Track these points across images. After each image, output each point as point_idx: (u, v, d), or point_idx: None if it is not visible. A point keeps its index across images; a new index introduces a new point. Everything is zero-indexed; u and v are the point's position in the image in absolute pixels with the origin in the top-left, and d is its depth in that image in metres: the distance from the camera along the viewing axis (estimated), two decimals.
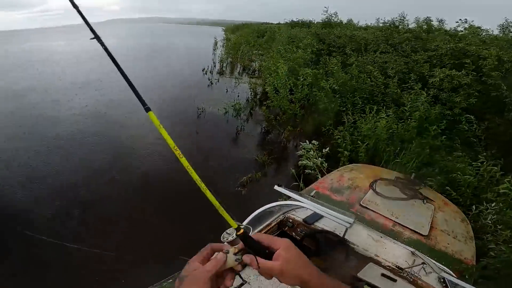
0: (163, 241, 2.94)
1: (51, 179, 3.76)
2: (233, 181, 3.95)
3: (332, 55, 7.45)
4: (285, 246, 0.54)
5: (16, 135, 4.80)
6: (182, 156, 0.53)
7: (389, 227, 2.02)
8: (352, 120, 4.58)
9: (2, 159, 4.14)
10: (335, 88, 5.40)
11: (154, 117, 0.52)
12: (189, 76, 8.02)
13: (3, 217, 3.11)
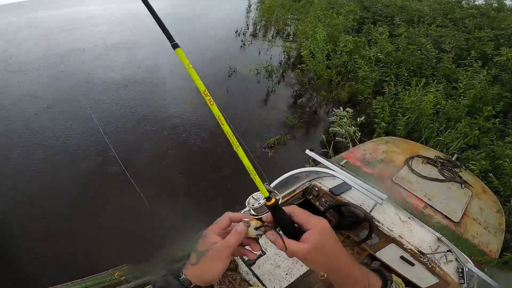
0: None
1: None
2: (261, 142, 3.93)
3: (377, 24, 6.97)
4: (319, 229, 0.47)
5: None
6: (213, 102, 0.45)
7: (420, 208, 1.91)
8: (394, 92, 4.24)
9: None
10: (378, 57, 5.00)
11: (183, 55, 0.44)
12: (221, 37, 7.74)
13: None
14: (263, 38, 8.06)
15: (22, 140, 3.61)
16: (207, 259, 0.46)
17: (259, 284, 1.81)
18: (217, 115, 0.44)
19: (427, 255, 1.57)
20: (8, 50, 5.98)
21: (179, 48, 0.44)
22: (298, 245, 0.45)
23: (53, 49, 6.10)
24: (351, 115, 3.77)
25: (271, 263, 2.00)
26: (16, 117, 3.99)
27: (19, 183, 3.05)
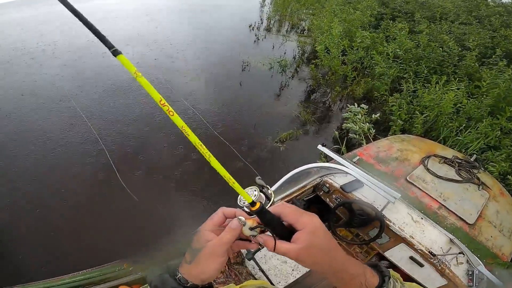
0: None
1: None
2: (273, 136, 3.92)
3: (396, 21, 6.78)
4: (310, 228, 0.45)
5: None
6: (173, 113, 0.38)
7: (434, 209, 1.86)
8: (412, 89, 4.12)
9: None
10: (397, 54, 4.87)
11: (127, 62, 0.35)
12: (235, 31, 7.73)
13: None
14: (277, 33, 7.97)
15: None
16: (202, 257, 0.45)
17: (265, 279, 1.83)
18: (180, 126, 0.38)
19: (438, 257, 1.54)
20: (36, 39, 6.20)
21: (121, 54, 0.35)
22: (288, 246, 0.44)
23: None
24: (366, 111, 3.70)
25: (277, 258, 2.01)
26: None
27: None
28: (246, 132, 3.92)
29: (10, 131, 3.65)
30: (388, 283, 0.46)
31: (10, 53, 5.64)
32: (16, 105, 4.13)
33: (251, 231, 0.47)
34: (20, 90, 4.46)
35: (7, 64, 5.23)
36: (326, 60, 5.14)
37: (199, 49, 6.30)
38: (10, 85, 4.59)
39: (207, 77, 5.20)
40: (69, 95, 4.40)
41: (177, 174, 3.24)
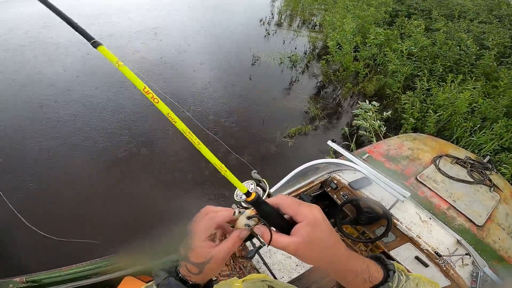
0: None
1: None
2: (281, 130, 3.90)
3: (412, 18, 6.61)
4: (311, 220, 0.41)
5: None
6: (158, 100, 0.37)
7: (443, 209, 1.83)
8: (426, 87, 4.02)
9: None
10: (412, 51, 4.76)
11: (108, 52, 0.35)
12: (246, 25, 7.68)
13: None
14: (288, 28, 7.88)
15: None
16: (209, 267, 0.43)
17: (269, 273, 1.84)
18: (166, 113, 0.37)
19: (444, 257, 1.53)
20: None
21: (102, 45, 0.36)
22: (287, 239, 0.41)
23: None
24: (377, 109, 3.64)
25: (282, 253, 2.03)
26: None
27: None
28: (254, 127, 3.92)
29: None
30: (393, 278, 0.44)
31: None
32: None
33: (246, 221, 0.44)
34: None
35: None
36: (338, 56, 5.06)
37: (209, 43, 6.30)
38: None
39: (216, 71, 5.20)
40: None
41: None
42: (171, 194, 2.93)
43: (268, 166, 3.40)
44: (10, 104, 3.88)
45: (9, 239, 2.46)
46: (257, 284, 0.59)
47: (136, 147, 3.40)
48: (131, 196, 2.86)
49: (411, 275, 0.47)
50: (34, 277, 1.42)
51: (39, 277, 1.42)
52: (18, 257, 2.35)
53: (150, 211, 2.69)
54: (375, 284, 0.43)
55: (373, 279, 0.44)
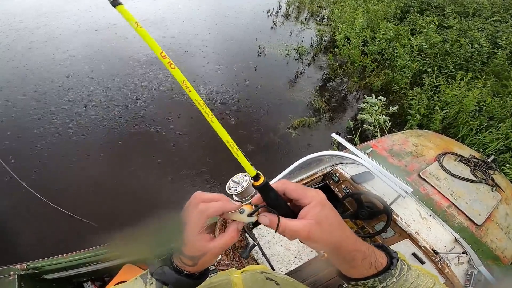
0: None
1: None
2: (285, 122, 3.87)
3: (425, 14, 6.48)
4: (318, 201, 0.40)
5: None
6: (174, 66, 0.36)
7: (443, 207, 1.82)
8: (434, 84, 3.95)
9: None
10: (423, 47, 4.67)
11: (127, 12, 0.34)
12: (252, 16, 7.55)
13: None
14: (296, 20, 7.74)
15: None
16: (205, 259, 0.43)
17: (267, 264, 1.84)
18: (181, 81, 0.36)
19: (440, 255, 1.54)
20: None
21: (121, 4, 0.34)
22: (298, 223, 0.39)
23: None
24: (383, 103, 3.60)
25: (281, 245, 2.03)
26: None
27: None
28: (258, 117, 3.89)
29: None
30: (397, 265, 0.44)
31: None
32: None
33: (250, 218, 0.42)
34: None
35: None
36: (345, 50, 4.99)
37: (214, 33, 6.22)
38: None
39: (221, 60, 5.15)
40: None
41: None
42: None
43: (271, 156, 3.39)
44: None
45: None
46: (256, 275, 0.58)
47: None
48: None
49: (412, 266, 0.47)
50: (35, 264, 1.43)
51: (40, 264, 1.44)
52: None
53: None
54: (379, 270, 0.43)
55: (378, 264, 0.43)
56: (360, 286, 0.44)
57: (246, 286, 0.53)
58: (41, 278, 1.49)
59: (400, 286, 0.43)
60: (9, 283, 1.34)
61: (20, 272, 1.39)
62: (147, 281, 0.43)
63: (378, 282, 0.43)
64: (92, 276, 1.68)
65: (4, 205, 2.56)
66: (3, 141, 3.12)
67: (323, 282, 1.76)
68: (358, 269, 0.43)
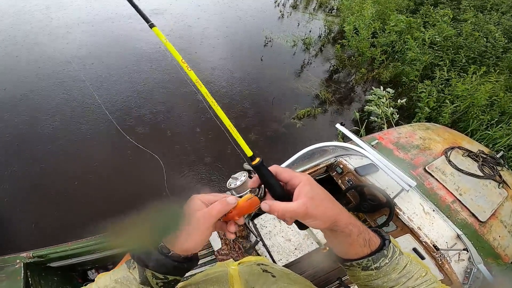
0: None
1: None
2: (290, 112, 3.82)
3: (439, 7, 6.27)
4: (306, 181, 0.43)
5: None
6: (189, 69, 0.46)
7: (447, 202, 1.78)
8: (445, 77, 3.84)
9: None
10: (435, 40, 4.53)
11: (160, 33, 0.47)
12: (259, 6, 7.41)
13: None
14: (304, 11, 7.57)
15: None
16: (188, 227, 0.42)
17: (267, 255, 1.83)
18: (195, 80, 0.45)
19: (441, 251, 1.51)
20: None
21: (156, 27, 0.46)
22: (295, 203, 0.41)
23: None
24: (391, 96, 3.51)
25: (282, 236, 2.03)
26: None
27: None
28: (263, 106, 3.85)
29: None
30: (388, 247, 0.45)
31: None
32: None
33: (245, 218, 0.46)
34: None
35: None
36: (354, 41, 4.86)
37: (220, 22, 6.12)
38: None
39: (227, 50, 5.07)
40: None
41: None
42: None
43: (275, 146, 3.35)
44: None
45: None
46: (253, 267, 0.58)
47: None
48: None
49: (404, 253, 0.48)
50: (41, 252, 1.45)
51: (46, 252, 1.46)
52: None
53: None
54: (372, 250, 0.44)
55: (372, 243, 0.44)
56: (355, 266, 0.45)
57: (242, 278, 0.53)
58: (46, 266, 1.51)
59: (393, 268, 0.44)
60: (15, 271, 1.36)
61: (26, 260, 1.40)
62: (130, 265, 0.42)
63: (372, 262, 0.44)
64: (96, 264, 1.69)
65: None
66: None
67: (323, 274, 1.76)
68: (354, 247, 0.44)
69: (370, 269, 0.44)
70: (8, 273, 1.35)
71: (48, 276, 1.49)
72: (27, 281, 1.35)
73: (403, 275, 0.44)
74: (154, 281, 0.41)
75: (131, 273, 0.41)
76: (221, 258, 1.64)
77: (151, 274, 0.41)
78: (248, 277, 0.53)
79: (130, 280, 0.41)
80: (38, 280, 1.41)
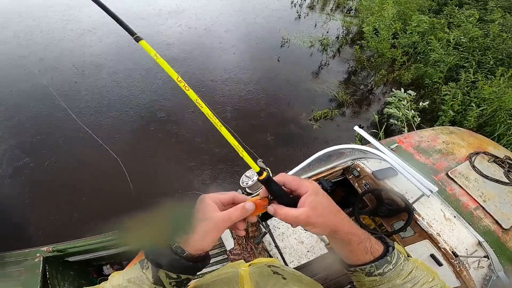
0: None
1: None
2: (307, 113, 3.80)
3: (464, 7, 6.02)
4: (313, 190, 0.45)
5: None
6: (188, 88, 0.42)
7: (470, 209, 1.72)
8: (471, 79, 3.68)
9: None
10: (460, 41, 4.35)
11: (148, 46, 0.40)
12: (275, 6, 7.42)
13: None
14: (321, 11, 7.50)
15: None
16: (205, 228, 0.43)
17: (279, 256, 1.83)
18: (195, 99, 0.42)
19: (460, 258, 1.47)
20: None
21: (143, 40, 0.41)
22: (297, 210, 0.44)
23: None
24: (413, 98, 3.41)
25: (295, 238, 2.02)
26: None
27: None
28: (279, 107, 3.86)
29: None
30: (392, 254, 0.45)
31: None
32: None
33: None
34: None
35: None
36: (374, 42, 4.77)
37: (237, 22, 6.19)
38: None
39: (243, 50, 5.12)
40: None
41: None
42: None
43: (290, 147, 3.35)
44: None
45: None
46: (263, 269, 0.59)
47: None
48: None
49: (410, 259, 0.48)
50: (60, 246, 1.50)
51: (64, 247, 1.51)
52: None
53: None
54: (375, 257, 0.45)
55: (374, 250, 0.45)
56: (359, 272, 0.46)
57: (252, 280, 0.53)
58: (64, 260, 1.56)
59: (397, 274, 0.44)
60: (34, 265, 1.40)
61: (45, 254, 1.45)
62: (144, 265, 0.43)
63: (375, 268, 0.44)
64: (111, 259, 1.74)
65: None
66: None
67: (334, 277, 1.75)
68: (355, 254, 0.46)
69: (373, 275, 0.45)
70: (28, 266, 1.40)
71: (65, 271, 1.55)
72: (44, 274, 1.39)
73: (408, 281, 0.44)
74: (167, 281, 0.42)
75: (144, 273, 0.42)
76: (233, 258, 1.66)
77: (165, 274, 0.42)
78: (258, 279, 0.53)
79: (143, 280, 0.42)
80: (55, 274, 1.46)
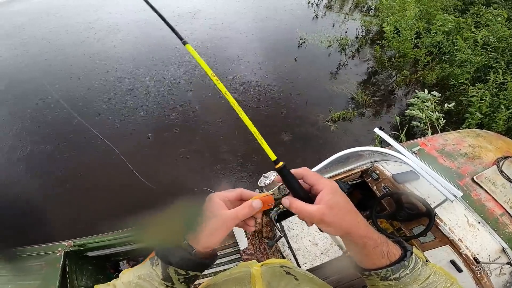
0: None
1: None
2: (324, 114, 3.77)
3: (492, 7, 5.74)
4: (331, 188, 0.44)
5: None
6: (219, 81, 0.47)
7: (496, 215, 1.66)
8: (500, 80, 3.51)
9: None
10: (489, 41, 4.15)
11: (192, 49, 0.46)
12: (292, 6, 7.39)
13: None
14: (339, 11, 7.39)
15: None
16: (213, 225, 0.44)
17: (292, 258, 1.82)
18: (224, 91, 0.46)
19: (482, 264, 1.42)
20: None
21: (188, 44, 0.46)
22: (313, 207, 0.43)
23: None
24: (437, 100, 3.29)
25: (309, 240, 2.01)
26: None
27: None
28: (296, 107, 3.84)
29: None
30: (410, 258, 0.44)
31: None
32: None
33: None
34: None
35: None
36: (395, 42, 4.64)
37: (254, 22, 6.22)
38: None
39: (260, 50, 5.14)
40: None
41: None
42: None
43: (307, 148, 3.33)
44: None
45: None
46: (275, 269, 0.58)
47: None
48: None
49: (429, 264, 0.47)
50: (81, 241, 1.56)
51: (85, 241, 1.57)
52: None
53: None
54: (391, 262, 0.44)
55: (391, 254, 0.44)
56: (374, 276, 0.45)
57: (264, 279, 0.53)
58: (83, 255, 1.64)
59: (414, 279, 0.43)
60: (55, 259, 1.47)
61: (67, 249, 1.52)
62: (153, 262, 0.45)
63: (391, 273, 0.43)
64: (128, 255, 1.80)
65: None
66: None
67: (347, 281, 1.72)
68: (370, 258, 0.44)
69: (389, 279, 0.43)
70: (49, 260, 1.46)
71: (84, 265, 1.61)
72: (64, 268, 1.45)
73: (425, 286, 0.43)
74: (176, 277, 0.44)
75: (154, 270, 0.44)
76: (246, 258, 1.68)
77: (174, 270, 0.43)
78: (270, 278, 0.53)
79: (153, 277, 0.43)
80: (74, 269, 1.52)
